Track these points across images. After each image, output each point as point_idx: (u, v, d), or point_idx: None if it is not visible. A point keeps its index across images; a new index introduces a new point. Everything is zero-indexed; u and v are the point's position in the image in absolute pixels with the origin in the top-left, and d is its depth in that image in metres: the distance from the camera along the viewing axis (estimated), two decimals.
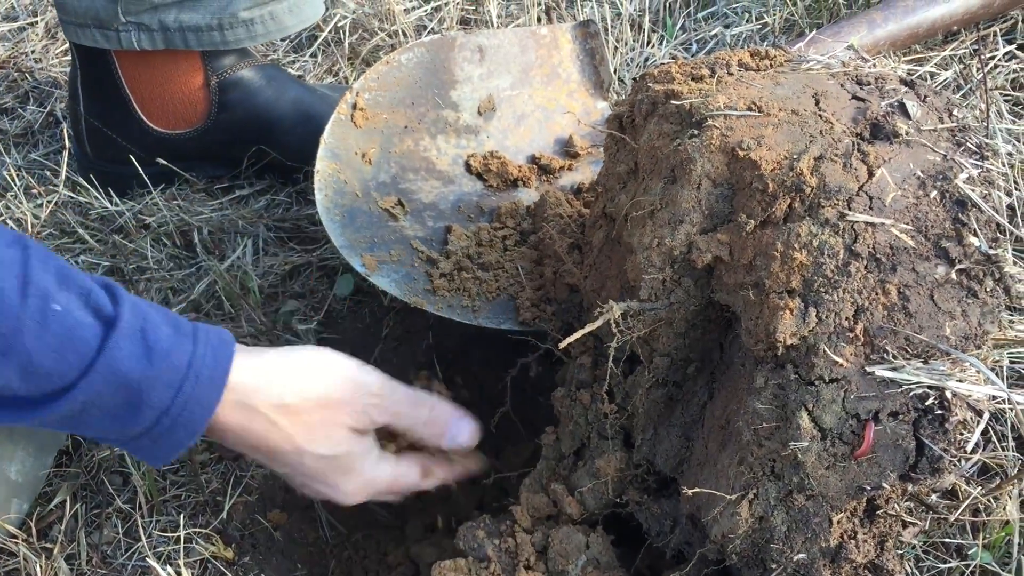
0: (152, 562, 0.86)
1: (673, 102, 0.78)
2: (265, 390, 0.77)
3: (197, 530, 0.92)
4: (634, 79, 0.88)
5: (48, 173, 1.35)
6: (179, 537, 0.90)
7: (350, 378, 0.82)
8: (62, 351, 0.69)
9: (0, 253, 0.69)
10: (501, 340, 1.03)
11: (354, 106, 1.10)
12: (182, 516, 0.93)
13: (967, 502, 0.81)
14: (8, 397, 0.71)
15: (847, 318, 0.65)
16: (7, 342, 0.68)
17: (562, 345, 0.76)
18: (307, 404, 0.79)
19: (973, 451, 0.82)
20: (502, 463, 1.17)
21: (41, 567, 0.87)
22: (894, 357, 0.65)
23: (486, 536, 0.85)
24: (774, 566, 0.69)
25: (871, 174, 0.69)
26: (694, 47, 1.46)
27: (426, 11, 1.56)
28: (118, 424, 0.74)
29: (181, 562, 0.88)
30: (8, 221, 1.24)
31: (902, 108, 0.75)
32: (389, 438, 0.91)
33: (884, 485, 0.65)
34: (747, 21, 1.48)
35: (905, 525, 0.72)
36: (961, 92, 1.29)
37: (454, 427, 0.89)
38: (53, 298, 0.69)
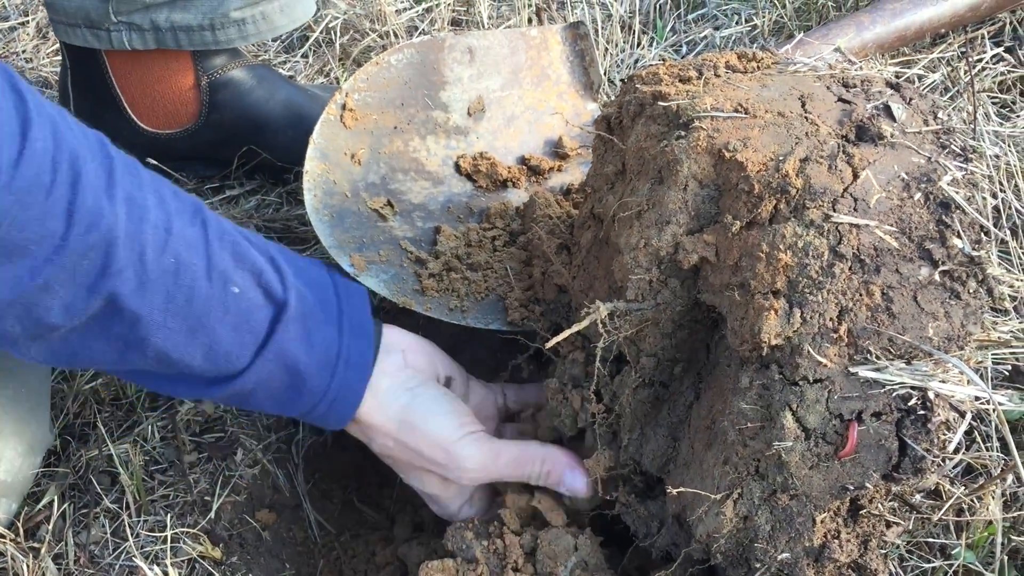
0: (139, 562, 0.86)
1: (660, 103, 0.79)
2: (376, 430, 0.86)
3: (185, 530, 0.92)
4: (622, 80, 0.89)
5: None
6: (167, 537, 0.90)
7: (445, 448, 0.86)
8: (240, 332, 0.74)
9: (184, 231, 0.71)
10: (491, 340, 1.03)
11: (343, 107, 1.10)
12: (170, 516, 0.93)
13: (951, 502, 0.82)
14: (186, 374, 0.75)
15: (831, 319, 0.66)
16: (199, 322, 0.72)
17: (549, 344, 0.77)
18: (404, 451, 0.86)
19: (956, 451, 0.83)
20: None
21: (28, 567, 0.87)
22: (877, 358, 0.65)
23: (474, 537, 0.86)
24: (758, 565, 0.70)
25: (856, 176, 0.69)
26: (684, 49, 1.47)
27: (417, 12, 1.56)
28: (281, 406, 0.80)
29: (168, 562, 0.88)
30: None
31: (887, 110, 0.76)
32: None
33: (867, 485, 0.65)
34: (737, 23, 1.48)
35: (889, 525, 0.72)
36: (949, 95, 1.30)
37: (568, 477, 0.88)
38: (231, 279, 0.73)
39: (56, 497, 0.94)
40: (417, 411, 0.85)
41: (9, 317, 0.66)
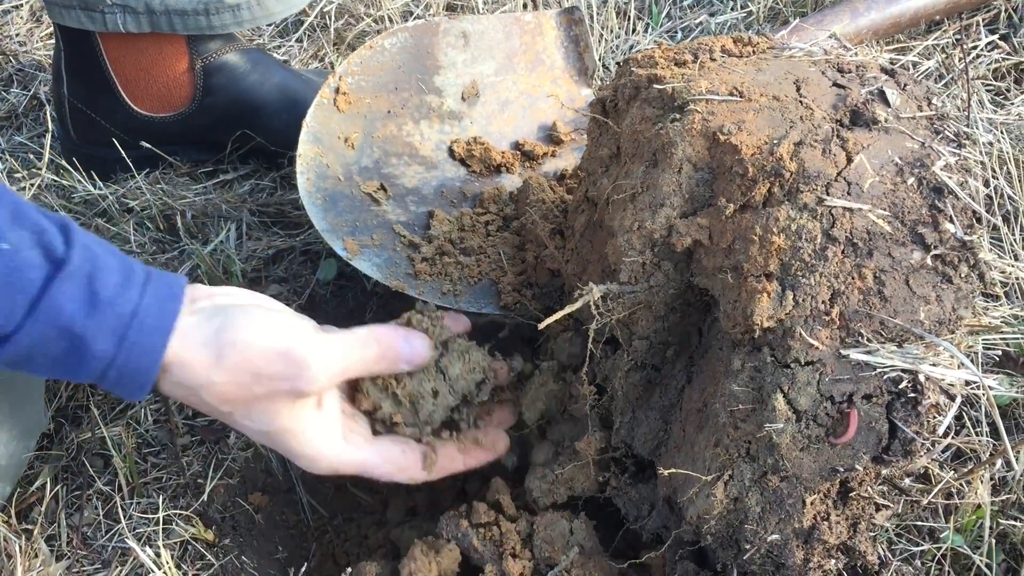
0: (132, 544, 0.86)
1: (656, 86, 0.79)
2: (194, 369, 0.72)
3: (178, 512, 0.92)
4: (618, 64, 0.89)
5: (32, 156, 1.34)
6: (159, 519, 0.90)
7: (282, 351, 0.74)
8: (9, 291, 0.67)
9: None
10: (484, 324, 1.03)
11: (337, 90, 1.10)
12: (162, 498, 0.93)
13: (940, 486, 0.82)
14: None
15: (823, 302, 0.66)
16: None
17: (543, 324, 0.77)
18: (235, 380, 0.73)
19: (945, 435, 0.83)
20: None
21: (21, 548, 0.87)
22: (869, 341, 0.65)
23: (470, 526, 0.86)
24: (748, 547, 0.70)
25: (850, 160, 0.69)
26: (679, 35, 1.47)
27: None
28: (64, 372, 0.71)
29: (161, 544, 0.88)
30: None
31: (882, 96, 0.76)
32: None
33: (857, 467, 0.66)
34: (732, 9, 1.48)
35: (878, 508, 0.73)
36: (943, 81, 1.30)
37: (405, 348, 0.81)
38: (3, 236, 0.67)
39: (49, 479, 0.94)
40: (236, 325, 0.74)
41: None
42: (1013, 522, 0.83)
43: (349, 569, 0.86)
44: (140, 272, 0.72)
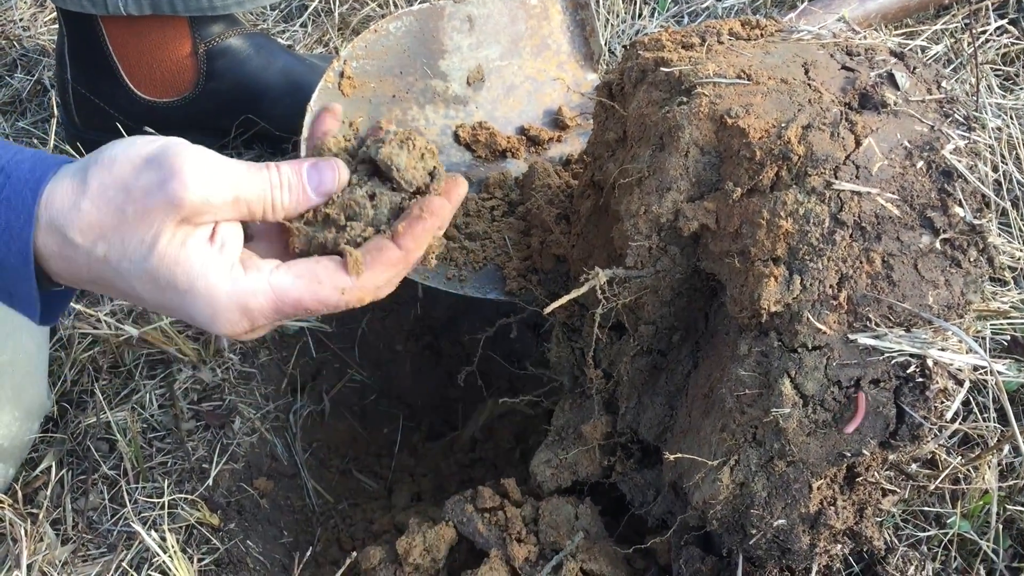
0: (137, 527, 0.86)
1: (663, 69, 0.78)
2: (58, 202, 0.61)
3: (183, 496, 0.92)
4: (624, 47, 0.88)
5: (36, 141, 1.34)
6: (164, 503, 0.91)
7: (150, 156, 0.62)
8: None
9: None
10: (489, 310, 1.03)
11: (341, 75, 1.09)
12: (167, 483, 0.93)
13: (947, 471, 0.82)
14: None
15: (831, 286, 0.66)
16: None
17: (548, 309, 0.76)
18: (103, 199, 0.61)
19: (953, 420, 0.83)
20: (488, 436, 1.18)
21: (27, 531, 0.87)
22: (877, 325, 0.65)
23: (475, 510, 0.85)
24: (754, 531, 0.70)
25: (858, 143, 0.69)
26: (685, 19, 1.46)
27: None
28: None
29: (166, 528, 0.88)
30: None
31: (891, 79, 0.75)
32: None
33: (864, 452, 0.65)
34: None
35: (885, 493, 0.72)
36: (952, 66, 1.29)
37: (311, 175, 0.69)
38: None
39: (54, 463, 0.94)
40: (105, 147, 0.64)
41: None
42: (1020, 508, 0.82)
43: (354, 553, 0.86)
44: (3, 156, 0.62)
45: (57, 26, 1.44)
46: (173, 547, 0.85)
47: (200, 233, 0.63)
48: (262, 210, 0.66)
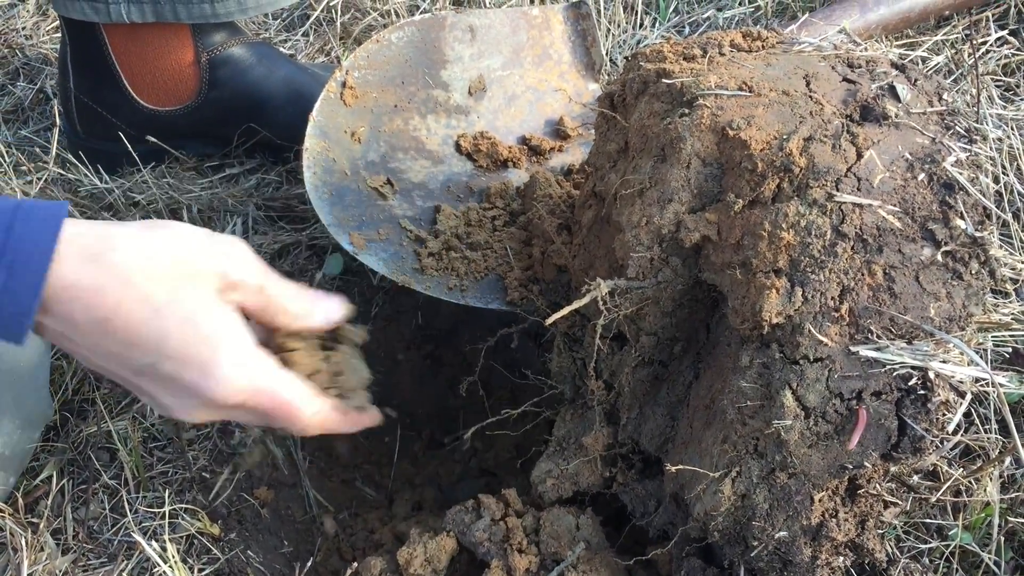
0: (138, 537, 0.86)
1: (664, 81, 0.78)
2: (114, 245, 0.63)
3: (184, 506, 0.92)
4: (626, 58, 0.88)
5: (38, 150, 1.34)
6: (165, 513, 0.90)
7: (214, 243, 0.68)
8: None
9: None
10: (490, 319, 1.03)
11: (343, 84, 1.09)
12: (168, 492, 0.93)
13: (948, 483, 0.82)
14: None
15: (833, 298, 0.66)
16: None
17: (550, 320, 0.76)
18: (164, 261, 0.65)
19: (955, 432, 0.83)
20: (486, 444, 1.17)
21: (27, 541, 0.87)
22: (878, 337, 0.65)
23: (476, 520, 0.85)
24: (755, 543, 0.70)
25: (860, 155, 0.69)
26: (687, 30, 1.46)
27: None
28: None
29: (167, 538, 0.88)
30: None
31: (892, 91, 0.75)
32: None
33: (866, 464, 0.65)
34: (740, 4, 1.47)
35: (887, 505, 0.72)
36: (952, 77, 1.29)
37: (323, 304, 0.76)
38: None
39: (55, 472, 0.94)
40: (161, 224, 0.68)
41: None
42: (1022, 520, 0.82)
43: (355, 564, 0.86)
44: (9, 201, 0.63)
45: (60, 35, 1.45)
46: (173, 557, 0.85)
47: (239, 315, 0.69)
48: (277, 310, 0.73)
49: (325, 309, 0.77)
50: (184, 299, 0.65)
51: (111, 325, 0.64)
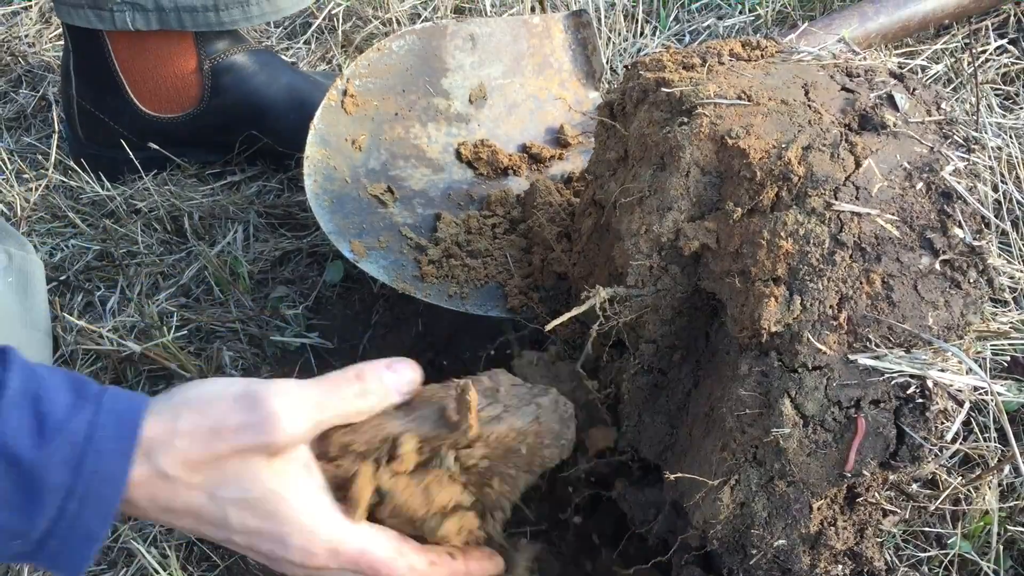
0: (137, 545, 0.86)
1: (664, 90, 0.79)
2: (152, 441, 0.62)
3: None
4: (625, 67, 0.89)
5: (40, 157, 1.34)
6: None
7: (238, 395, 0.65)
8: None
9: None
10: (491, 327, 1.03)
11: (344, 92, 1.10)
12: None
13: (947, 492, 0.82)
14: None
15: (831, 306, 0.66)
16: None
17: (550, 327, 0.77)
18: (194, 438, 0.63)
19: (953, 440, 0.83)
20: None
21: None
22: (877, 346, 0.65)
23: None
24: (754, 552, 0.70)
25: (858, 164, 0.69)
26: (687, 38, 1.47)
27: None
28: (18, 516, 0.59)
29: (166, 545, 0.88)
30: None
31: (891, 100, 0.76)
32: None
33: (864, 472, 0.66)
34: (740, 13, 1.48)
35: (885, 513, 0.72)
36: (952, 86, 1.30)
37: (391, 377, 0.70)
38: None
39: None
40: (188, 387, 0.66)
41: None
42: (1021, 528, 0.82)
43: None
44: (93, 387, 0.63)
45: (62, 42, 1.45)
46: (173, 565, 0.85)
47: (297, 467, 0.66)
48: (348, 419, 0.69)
49: (397, 385, 0.70)
50: (234, 481, 0.64)
51: (175, 515, 0.64)
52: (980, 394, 0.78)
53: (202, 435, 0.63)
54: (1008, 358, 0.91)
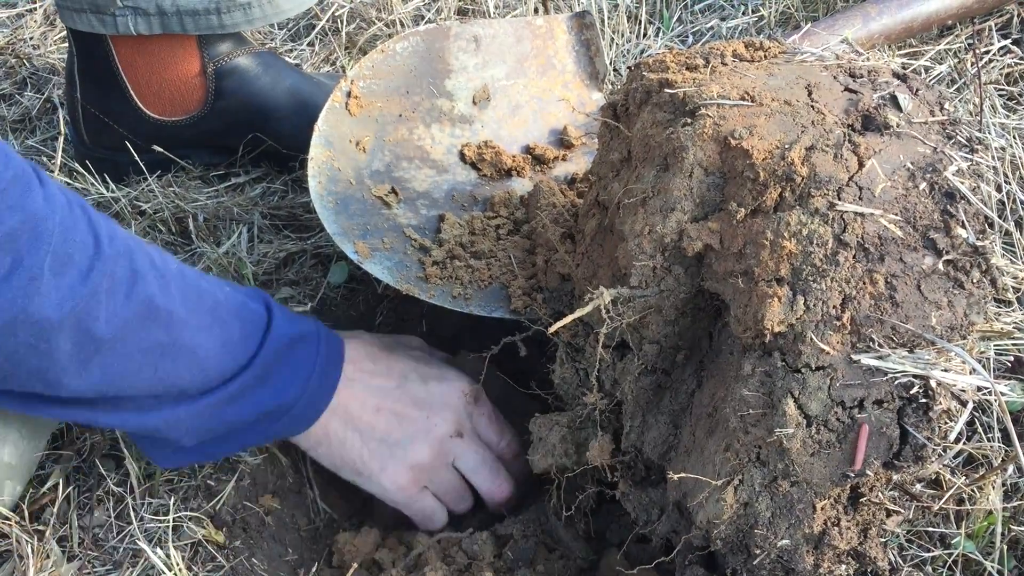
0: (143, 545, 0.86)
1: (667, 91, 0.79)
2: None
3: (189, 514, 0.92)
4: (629, 68, 0.89)
5: (45, 159, 1.35)
6: (170, 520, 0.91)
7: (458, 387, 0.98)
8: (243, 321, 0.82)
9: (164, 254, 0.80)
10: (495, 328, 1.04)
11: (348, 94, 1.10)
12: (173, 500, 0.93)
13: (951, 492, 0.82)
14: (187, 390, 0.80)
15: (834, 306, 0.66)
16: (213, 316, 0.80)
17: (553, 328, 0.77)
18: (417, 391, 0.96)
19: (957, 440, 0.83)
20: None
21: (33, 549, 0.88)
22: (880, 346, 0.65)
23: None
24: (758, 552, 0.70)
25: (861, 165, 0.69)
26: (690, 39, 1.47)
27: (424, 1, 1.56)
28: (276, 394, 0.85)
29: (172, 545, 0.88)
30: None
31: (894, 100, 0.76)
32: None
33: (868, 472, 0.66)
34: (743, 14, 1.48)
35: (889, 513, 0.73)
36: (955, 86, 1.30)
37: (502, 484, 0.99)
38: (219, 284, 0.83)
39: (60, 480, 0.95)
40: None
41: (64, 333, 0.70)
42: None
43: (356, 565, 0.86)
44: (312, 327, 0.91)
45: (67, 45, 1.46)
46: (178, 565, 0.86)
47: None
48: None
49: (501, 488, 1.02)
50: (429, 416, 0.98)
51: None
52: (983, 394, 0.78)
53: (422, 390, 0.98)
54: (1012, 358, 0.91)
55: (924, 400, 0.65)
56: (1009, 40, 1.36)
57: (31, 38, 1.58)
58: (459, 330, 1.16)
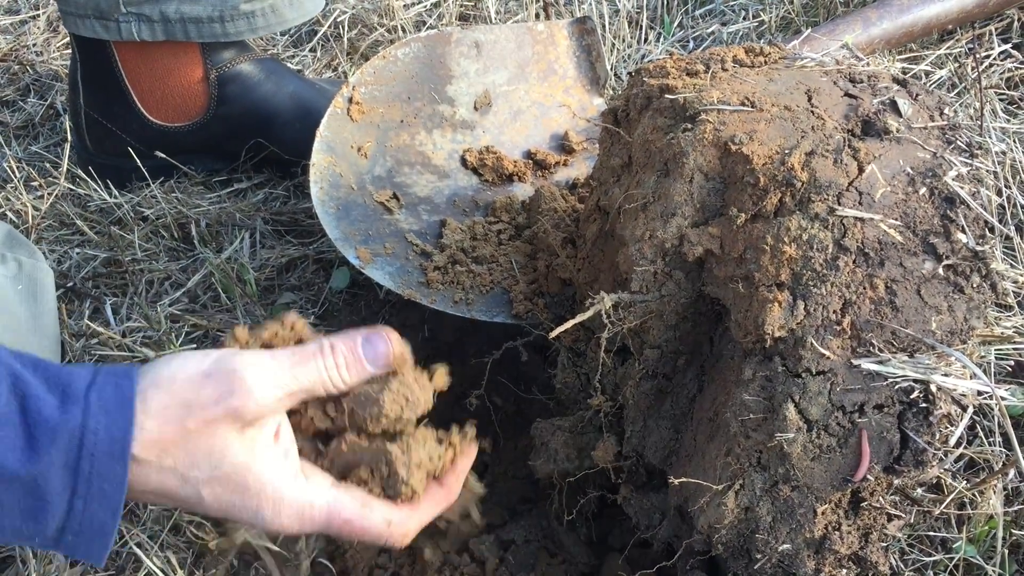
0: (140, 553, 0.86)
1: (667, 96, 0.79)
2: (141, 430, 0.62)
3: (189, 519, 0.92)
4: (629, 74, 0.89)
5: (48, 165, 1.35)
6: (171, 526, 0.91)
7: (206, 371, 0.64)
8: None
9: None
10: (496, 333, 1.04)
11: (350, 100, 1.11)
12: None
13: (952, 496, 0.82)
14: None
15: (835, 311, 0.66)
16: None
17: (554, 333, 0.77)
18: (165, 418, 0.62)
19: (957, 445, 0.83)
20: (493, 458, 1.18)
21: (36, 553, 0.88)
22: (880, 350, 0.65)
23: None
24: (759, 556, 0.70)
25: (861, 170, 0.69)
26: (691, 44, 1.47)
27: (425, 7, 1.57)
28: (32, 520, 0.60)
29: (171, 552, 0.88)
30: (8, 213, 1.25)
31: (893, 106, 0.76)
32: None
33: (868, 477, 0.66)
34: (744, 19, 1.48)
35: (890, 518, 0.73)
36: (956, 91, 1.30)
37: (365, 348, 0.70)
38: None
39: None
40: (155, 367, 0.65)
41: None
42: None
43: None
44: (80, 381, 0.62)
45: (70, 51, 1.46)
46: (179, 570, 0.86)
47: (265, 436, 0.66)
48: (322, 391, 0.69)
49: (374, 358, 0.71)
50: (204, 458, 0.64)
51: (149, 495, 0.65)
52: (984, 398, 0.78)
53: (172, 414, 0.62)
54: (1012, 362, 0.91)
55: (924, 405, 0.65)
56: (1009, 44, 1.36)
57: (34, 44, 1.59)
58: (461, 335, 1.16)
